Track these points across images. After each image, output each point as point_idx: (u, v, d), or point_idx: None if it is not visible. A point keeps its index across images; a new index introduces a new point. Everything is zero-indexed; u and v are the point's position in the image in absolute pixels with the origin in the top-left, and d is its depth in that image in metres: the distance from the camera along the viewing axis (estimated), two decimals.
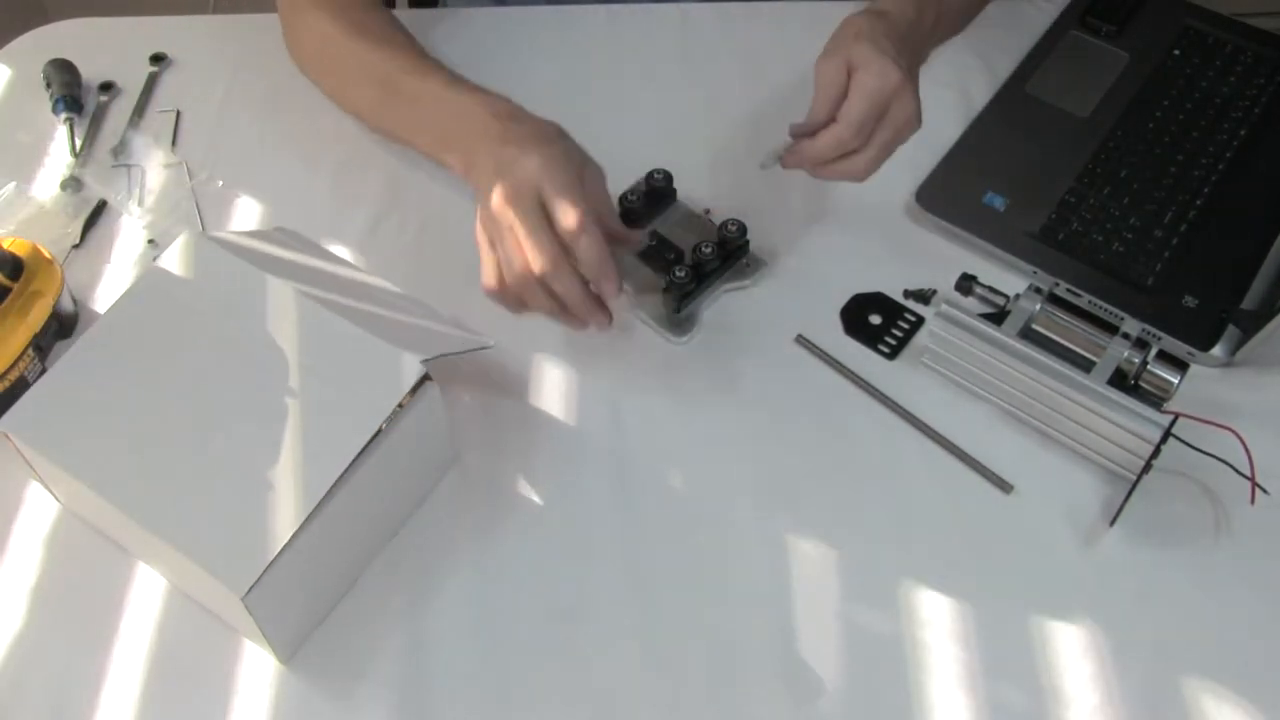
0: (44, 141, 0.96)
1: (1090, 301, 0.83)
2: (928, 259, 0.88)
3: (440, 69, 0.85)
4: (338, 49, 0.90)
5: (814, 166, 0.80)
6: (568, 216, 0.71)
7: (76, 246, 0.89)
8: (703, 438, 0.78)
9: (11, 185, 0.92)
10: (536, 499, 0.76)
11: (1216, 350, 0.81)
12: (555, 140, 0.76)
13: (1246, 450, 0.74)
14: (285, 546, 0.62)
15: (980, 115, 0.96)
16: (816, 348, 0.82)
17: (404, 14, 1.01)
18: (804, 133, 0.79)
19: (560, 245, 0.72)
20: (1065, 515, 0.75)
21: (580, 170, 0.75)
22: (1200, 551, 0.73)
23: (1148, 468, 0.72)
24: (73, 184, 0.92)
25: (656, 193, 0.88)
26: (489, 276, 0.75)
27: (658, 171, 0.88)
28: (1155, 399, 0.74)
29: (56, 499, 0.75)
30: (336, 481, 0.64)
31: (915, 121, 0.79)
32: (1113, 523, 0.74)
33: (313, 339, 0.69)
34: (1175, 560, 0.73)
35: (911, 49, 0.82)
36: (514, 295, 0.74)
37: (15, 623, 0.70)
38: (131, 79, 1.00)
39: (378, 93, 0.87)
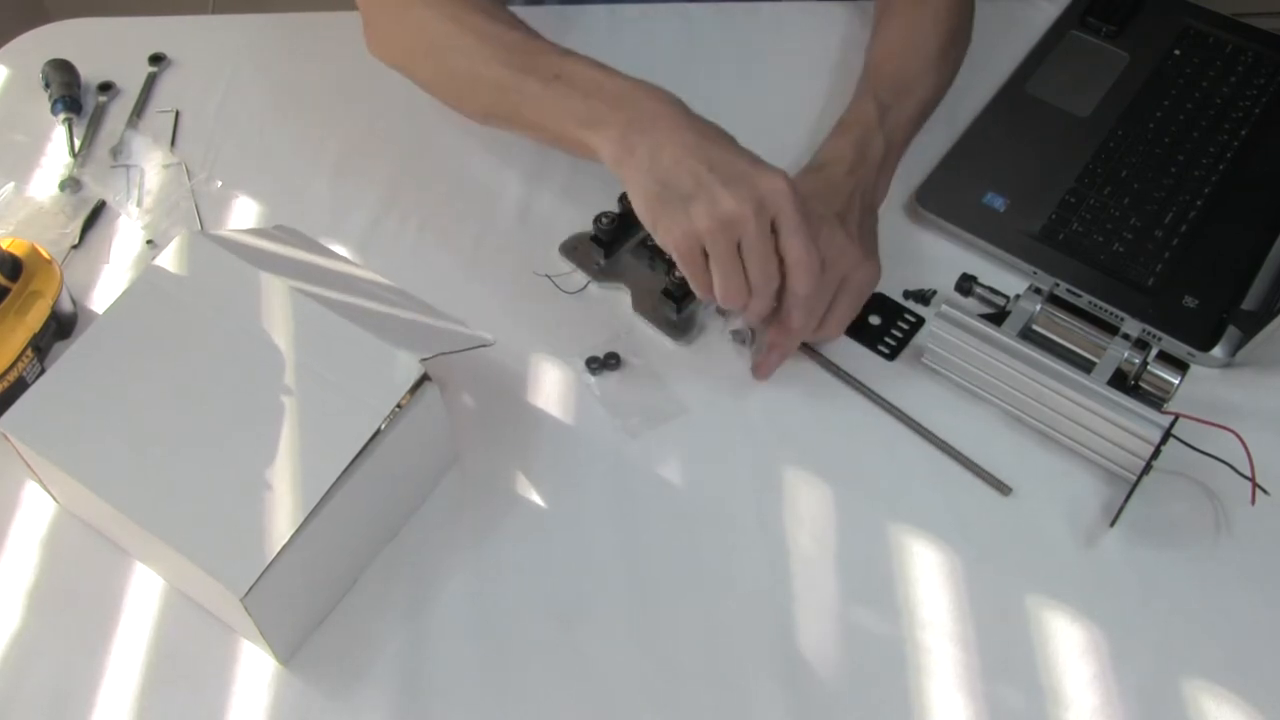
0: (43, 142, 0.96)
1: (1090, 302, 0.83)
2: (928, 259, 0.88)
3: (576, 53, 0.79)
4: (453, 27, 0.81)
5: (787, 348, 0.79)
6: (809, 254, 0.70)
7: (75, 247, 0.88)
8: (702, 438, 0.78)
9: (10, 185, 0.92)
10: (536, 499, 0.76)
11: (1216, 351, 0.81)
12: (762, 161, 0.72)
13: (1247, 451, 0.74)
14: (284, 547, 0.62)
15: (980, 115, 0.96)
16: (815, 348, 0.82)
17: None
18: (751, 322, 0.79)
19: (808, 269, 0.71)
20: (1065, 516, 0.75)
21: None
22: (1200, 552, 0.73)
23: (1148, 468, 0.72)
24: (71, 184, 0.92)
25: None
26: (719, 289, 0.72)
27: None
28: (1155, 399, 0.74)
29: (55, 499, 0.75)
30: (335, 482, 0.64)
31: (855, 266, 0.77)
32: (1113, 523, 0.73)
33: (312, 338, 0.69)
34: (1175, 561, 0.73)
35: (849, 192, 0.81)
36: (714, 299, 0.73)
37: (13, 623, 0.70)
38: (131, 79, 1.00)
39: (505, 73, 0.79)
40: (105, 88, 0.99)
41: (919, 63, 0.92)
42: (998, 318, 0.78)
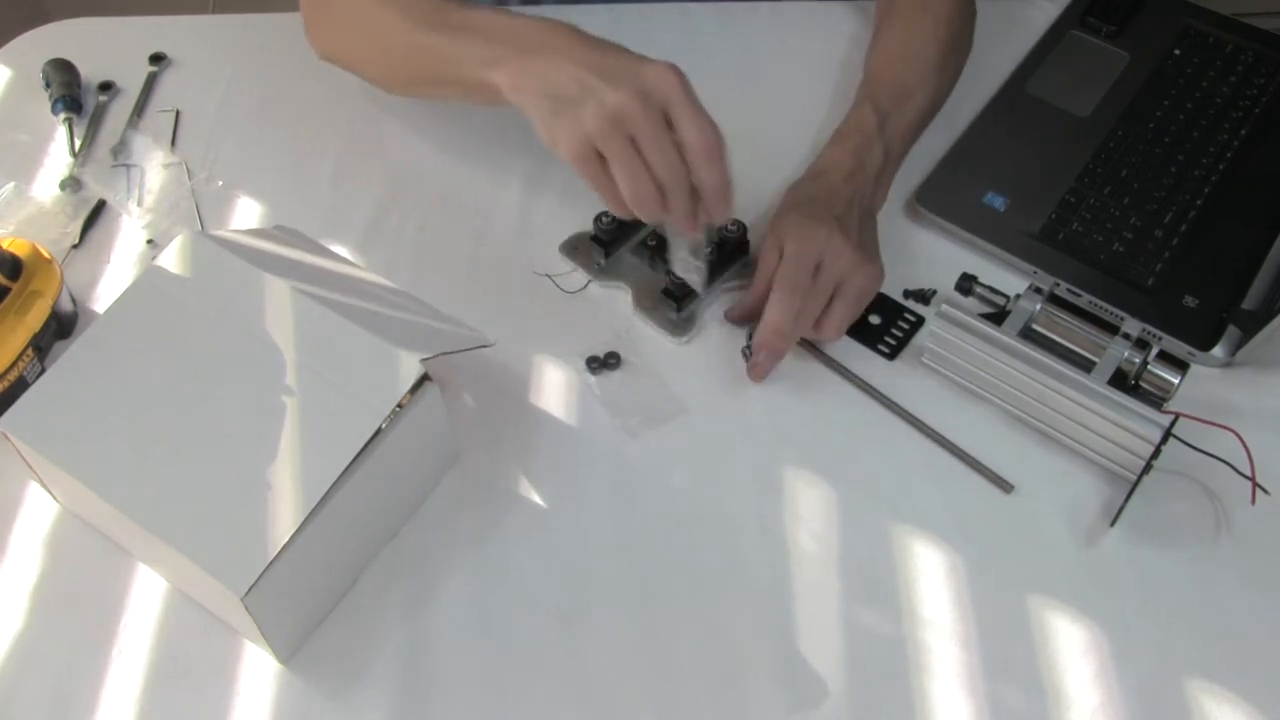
0: (43, 141, 0.96)
1: (1090, 301, 0.83)
2: (928, 259, 0.88)
3: (482, 4, 0.81)
4: (372, 5, 0.83)
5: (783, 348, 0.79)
6: (704, 130, 0.69)
7: (76, 246, 0.88)
8: (702, 438, 0.78)
9: (11, 185, 0.92)
10: (536, 499, 0.76)
11: (1217, 350, 0.81)
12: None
13: (1247, 450, 0.74)
14: (285, 547, 0.62)
15: (980, 115, 0.96)
16: (816, 348, 0.82)
17: None
18: (742, 315, 0.81)
19: (705, 147, 0.69)
20: (1065, 515, 0.75)
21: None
22: (1200, 551, 0.73)
23: (1148, 468, 0.72)
24: (72, 184, 0.92)
25: None
26: (625, 192, 0.71)
27: None
28: (1155, 399, 0.74)
29: (56, 499, 0.75)
30: (336, 481, 0.64)
31: (853, 268, 0.78)
32: (1113, 523, 0.74)
33: (312, 338, 0.69)
34: (1175, 560, 0.73)
35: (848, 198, 0.82)
36: (621, 205, 0.72)
37: (15, 623, 0.70)
38: (131, 79, 1.00)
39: (418, 35, 0.80)
40: (105, 87, 0.99)
41: (919, 70, 0.92)
42: (998, 317, 0.78)
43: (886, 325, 0.84)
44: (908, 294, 0.85)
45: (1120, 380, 0.74)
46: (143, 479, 0.66)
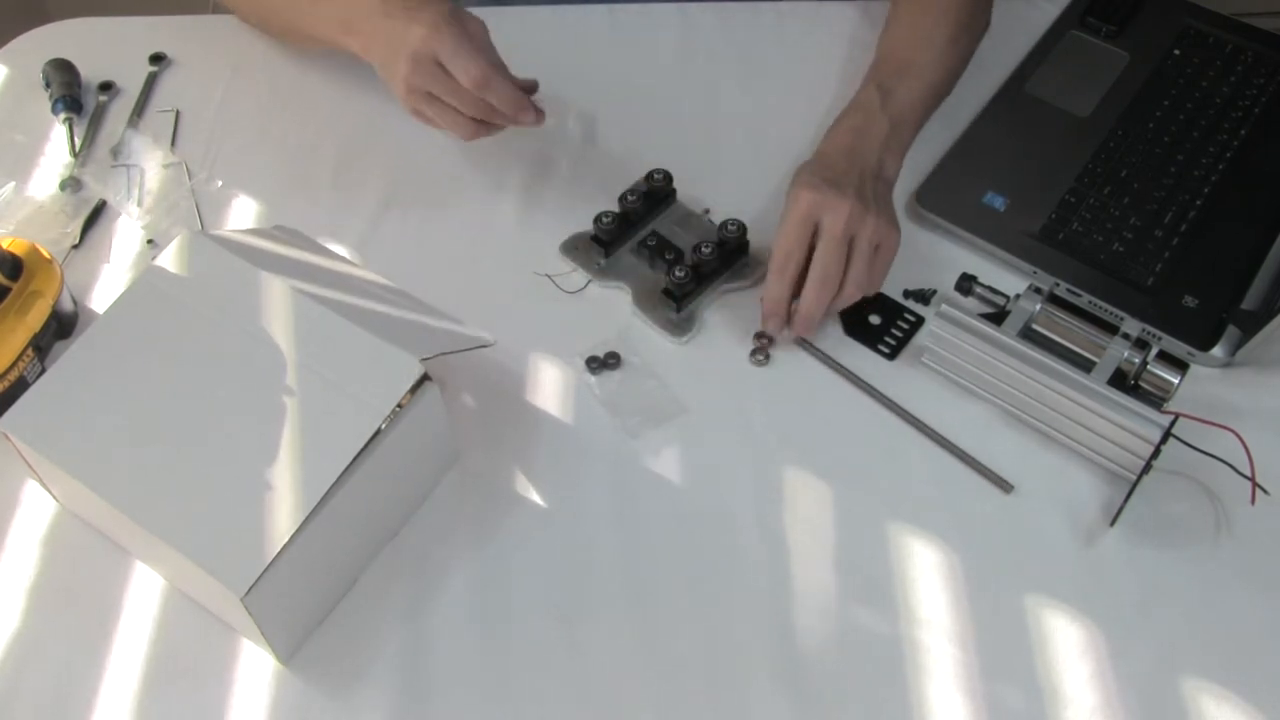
0: (43, 141, 0.96)
1: (1090, 301, 0.83)
2: (928, 259, 0.88)
3: None
4: None
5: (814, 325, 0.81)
6: (469, 72, 0.79)
7: (76, 246, 0.88)
8: (702, 438, 0.78)
9: (11, 185, 0.92)
10: (536, 499, 0.76)
11: (1216, 350, 0.81)
12: (431, 3, 0.81)
13: (1247, 450, 0.74)
14: (285, 546, 0.62)
15: (980, 115, 0.96)
16: (816, 348, 0.82)
17: None
18: (781, 296, 0.80)
19: (476, 84, 0.80)
20: (1065, 515, 0.75)
21: (463, 25, 0.81)
22: (1200, 551, 0.73)
23: (1148, 468, 0.72)
24: (72, 184, 0.92)
25: (656, 192, 0.88)
26: (456, 134, 0.84)
27: (657, 171, 0.88)
28: (1155, 399, 0.74)
29: (55, 499, 0.75)
30: (336, 481, 0.64)
31: (880, 232, 0.79)
32: (1113, 523, 0.74)
33: (312, 338, 0.69)
34: (1175, 560, 0.73)
35: (860, 172, 0.82)
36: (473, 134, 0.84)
37: (14, 622, 0.70)
38: (131, 79, 1.00)
39: None
40: (105, 87, 0.99)
41: (927, 47, 0.92)
42: (998, 317, 0.78)
43: (886, 325, 0.84)
44: (908, 294, 0.85)
45: (1120, 380, 0.74)
46: (143, 479, 0.66)
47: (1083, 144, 0.93)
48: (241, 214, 0.91)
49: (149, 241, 0.89)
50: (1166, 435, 0.71)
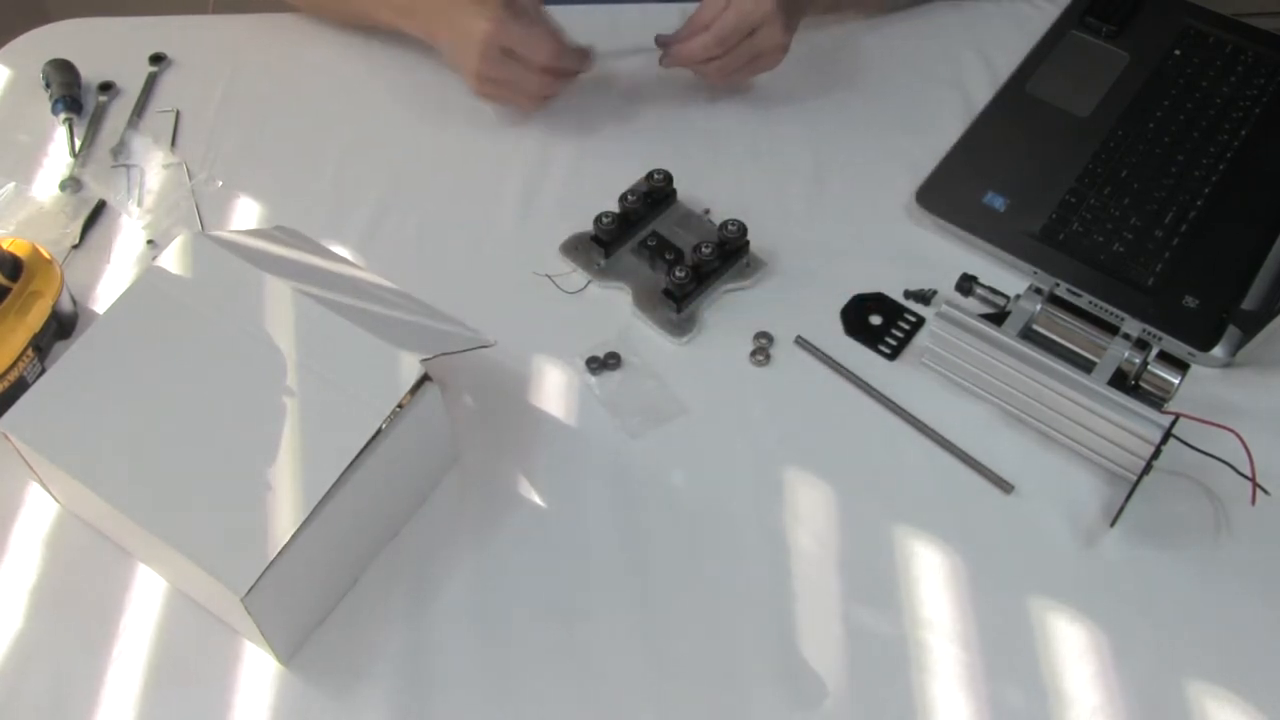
0: (43, 141, 0.96)
1: (1090, 302, 0.83)
2: (928, 259, 0.88)
3: None
4: None
5: (683, 65, 0.93)
6: (539, 56, 0.87)
7: (76, 247, 0.88)
8: (702, 438, 0.78)
9: (11, 185, 0.92)
10: (536, 499, 0.76)
11: (1217, 351, 0.81)
12: None
13: (1247, 451, 0.74)
14: (285, 547, 0.62)
15: (980, 115, 0.96)
16: (816, 348, 0.82)
17: None
18: (674, 40, 0.92)
19: (543, 70, 0.88)
20: (1065, 515, 0.75)
21: (518, 9, 0.86)
22: (1200, 551, 0.73)
23: (1148, 468, 0.72)
24: (72, 184, 0.92)
25: (656, 193, 0.88)
26: (525, 109, 0.95)
27: (657, 172, 0.88)
28: (1156, 399, 0.74)
29: (56, 499, 0.75)
30: (336, 482, 0.64)
31: (779, 51, 0.91)
32: (1113, 523, 0.74)
33: (312, 338, 0.69)
34: (1175, 560, 0.73)
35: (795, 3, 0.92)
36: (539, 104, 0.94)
37: (15, 623, 0.70)
38: (131, 79, 1.00)
39: None
40: (106, 88, 0.99)
41: None
42: (998, 318, 0.78)
43: (887, 326, 0.84)
44: (908, 294, 0.85)
45: (1120, 380, 0.74)
46: (143, 479, 0.66)
47: (1083, 144, 0.93)
48: (242, 214, 0.91)
49: (149, 242, 0.89)
50: (1167, 435, 0.71)
